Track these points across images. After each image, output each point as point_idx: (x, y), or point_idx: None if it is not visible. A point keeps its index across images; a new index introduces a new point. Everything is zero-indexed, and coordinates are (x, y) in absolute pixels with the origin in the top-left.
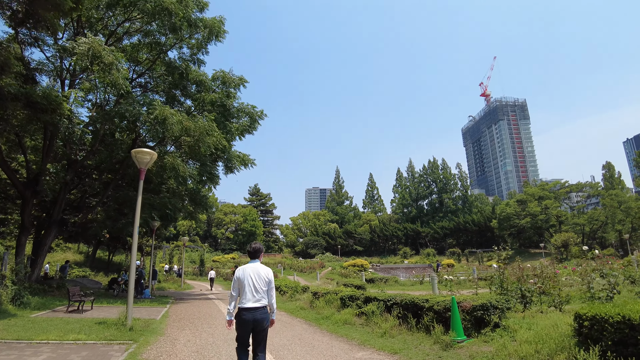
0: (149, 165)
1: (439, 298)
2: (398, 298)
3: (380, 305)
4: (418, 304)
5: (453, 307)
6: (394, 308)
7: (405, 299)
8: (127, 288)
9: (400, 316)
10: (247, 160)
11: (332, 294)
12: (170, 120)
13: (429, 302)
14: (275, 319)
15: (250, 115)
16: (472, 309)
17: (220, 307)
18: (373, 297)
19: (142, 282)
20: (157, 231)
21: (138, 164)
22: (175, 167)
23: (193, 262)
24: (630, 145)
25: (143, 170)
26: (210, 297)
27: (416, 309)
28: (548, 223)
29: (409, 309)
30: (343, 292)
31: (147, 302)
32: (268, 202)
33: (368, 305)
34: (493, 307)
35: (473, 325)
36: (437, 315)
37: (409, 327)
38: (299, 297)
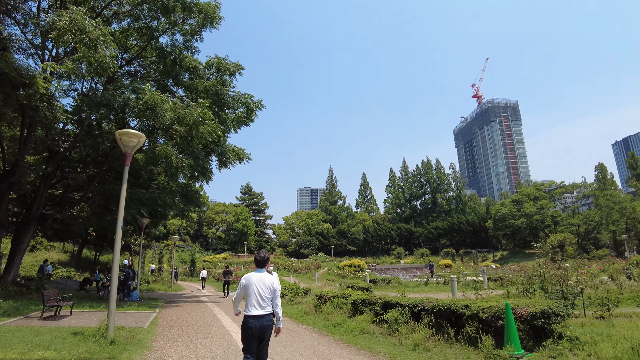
0: (135, 150)
1: (481, 303)
2: (427, 303)
3: (405, 311)
4: (456, 310)
5: (508, 314)
6: (424, 315)
7: (438, 305)
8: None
9: (433, 325)
10: (242, 154)
11: (340, 298)
12: (162, 107)
13: (471, 308)
14: (281, 327)
15: (246, 105)
16: (531, 317)
17: (215, 311)
18: (395, 302)
19: (129, 284)
20: (147, 229)
21: (123, 147)
22: (167, 156)
23: (184, 262)
24: (619, 147)
25: (129, 155)
26: (203, 300)
27: (453, 316)
28: (543, 223)
29: (443, 316)
30: (354, 296)
31: (135, 306)
32: (260, 202)
33: (390, 312)
34: (554, 314)
35: (530, 336)
36: (483, 325)
37: (445, 338)
38: (300, 300)
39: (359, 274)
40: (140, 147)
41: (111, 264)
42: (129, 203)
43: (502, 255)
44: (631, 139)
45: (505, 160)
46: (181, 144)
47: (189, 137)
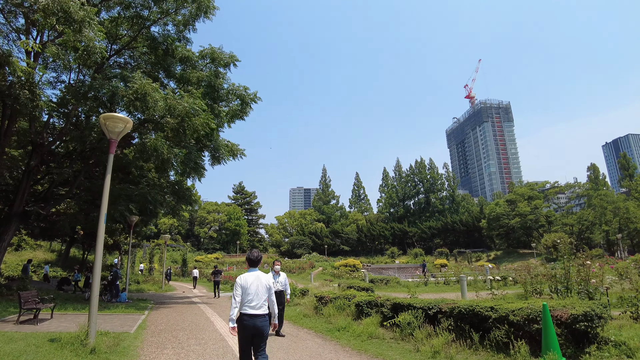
0: (121, 136)
1: (508, 305)
2: (444, 305)
3: (419, 314)
4: (480, 313)
5: (546, 317)
6: (441, 318)
7: (458, 307)
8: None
9: (452, 329)
10: (235, 150)
11: (342, 299)
12: (152, 97)
13: (498, 310)
14: (276, 323)
15: (241, 98)
16: (572, 320)
17: (208, 313)
18: (406, 303)
19: (117, 284)
20: (136, 228)
21: (108, 133)
22: (156, 148)
23: (175, 262)
24: (609, 149)
25: (114, 142)
26: (195, 301)
27: (477, 319)
28: (537, 223)
29: (465, 319)
30: (358, 297)
31: (122, 308)
32: (253, 201)
33: (401, 315)
34: (597, 317)
35: (569, 342)
36: (514, 329)
37: (469, 343)
38: (298, 301)
39: (355, 273)
40: (126, 133)
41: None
42: (117, 199)
43: (496, 255)
44: (621, 140)
45: (497, 160)
46: (172, 136)
47: (181, 129)
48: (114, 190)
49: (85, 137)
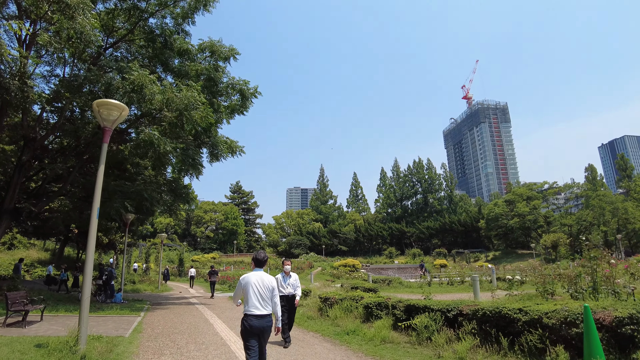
0: (116, 124)
1: (540, 306)
2: (465, 307)
3: (437, 317)
4: (507, 315)
5: (588, 320)
6: (462, 321)
7: (482, 309)
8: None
9: (476, 332)
10: (234, 147)
11: (349, 300)
12: (150, 89)
13: (528, 312)
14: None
15: (241, 92)
16: (617, 323)
17: (207, 315)
18: (421, 305)
19: (112, 284)
20: (132, 227)
21: (102, 121)
22: (152, 142)
23: (171, 262)
24: (605, 150)
25: (108, 131)
26: (193, 302)
27: (503, 322)
28: (536, 223)
29: (490, 322)
30: (367, 299)
31: (117, 309)
32: (250, 200)
33: (417, 317)
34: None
35: (612, 347)
36: (549, 333)
37: (496, 349)
38: (300, 302)
39: (354, 274)
40: (123, 128)
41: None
42: (111, 196)
43: (495, 255)
44: (617, 141)
45: (494, 161)
46: (170, 131)
47: (179, 123)
48: (109, 187)
49: (79, 131)
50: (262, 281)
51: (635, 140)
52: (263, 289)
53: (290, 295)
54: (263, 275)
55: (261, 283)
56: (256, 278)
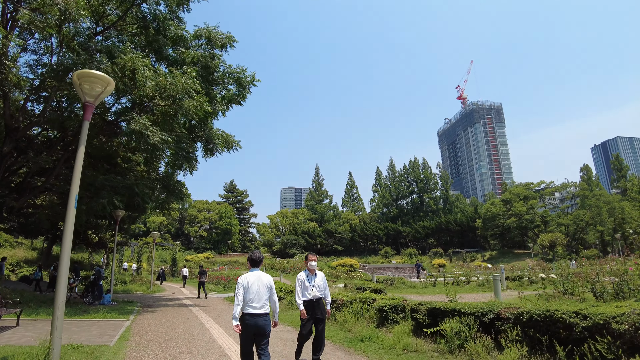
0: (99, 100)
1: (602, 309)
2: (503, 310)
3: (470, 321)
4: (562, 319)
5: None
6: (502, 327)
7: (528, 312)
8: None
9: (520, 340)
10: (230, 141)
11: (358, 303)
12: (142, 74)
13: (587, 316)
14: (277, 322)
15: (238, 81)
16: None
17: (201, 318)
18: (449, 308)
19: (100, 285)
20: (124, 225)
21: (83, 96)
22: (142, 133)
23: (164, 262)
24: (597, 151)
25: (90, 107)
26: (186, 304)
27: (557, 327)
28: (533, 223)
29: (539, 328)
30: (381, 301)
31: (104, 312)
32: (244, 200)
33: (446, 322)
34: None
35: None
36: (620, 341)
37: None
38: None
39: (353, 274)
40: (107, 96)
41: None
42: (99, 191)
43: (491, 255)
44: (609, 143)
45: (488, 161)
46: (162, 121)
47: (172, 112)
48: (97, 181)
49: (65, 122)
50: (260, 281)
51: (627, 142)
52: (262, 288)
53: (316, 299)
54: (261, 275)
55: (259, 282)
56: (254, 278)
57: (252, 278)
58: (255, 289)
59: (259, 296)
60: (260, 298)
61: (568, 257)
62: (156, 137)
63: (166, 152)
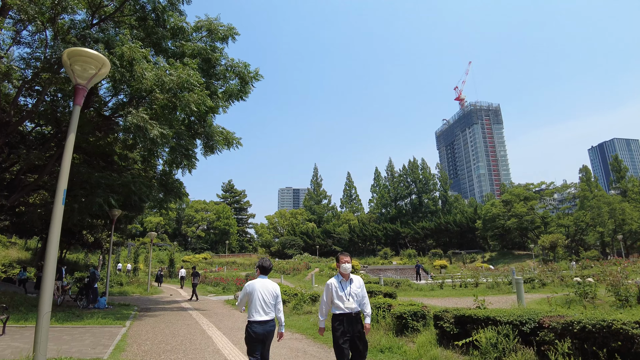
0: (93, 83)
1: None
2: (546, 319)
3: (508, 331)
4: (621, 330)
5: None
6: (547, 338)
7: (579, 321)
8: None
9: (572, 353)
10: (230, 138)
11: (372, 309)
12: (141, 66)
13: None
14: (283, 332)
15: (240, 76)
16: None
17: (202, 323)
18: (481, 316)
19: (95, 287)
20: (120, 225)
21: (74, 77)
22: (140, 126)
23: (161, 262)
24: (594, 152)
25: (82, 91)
26: (186, 307)
27: (615, 339)
28: (534, 224)
29: (595, 341)
30: (399, 307)
31: (99, 317)
32: (243, 200)
33: (480, 332)
34: None
35: None
36: None
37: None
38: (308, 308)
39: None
40: (101, 79)
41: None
42: (95, 189)
43: (491, 256)
44: (606, 144)
45: (486, 162)
46: (161, 115)
47: (172, 106)
48: (92, 178)
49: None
50: (266, 288)
51: (624, 143)
52: (267, 295)
53: (354, 313)
54: (267, 283)
55: (265, 290)
56: (260, 285)
57: (259, 285)
58: (260, 295)
59: (265, 304)
60: (267, 306)
61: (568, 258)
62: (155, 131)
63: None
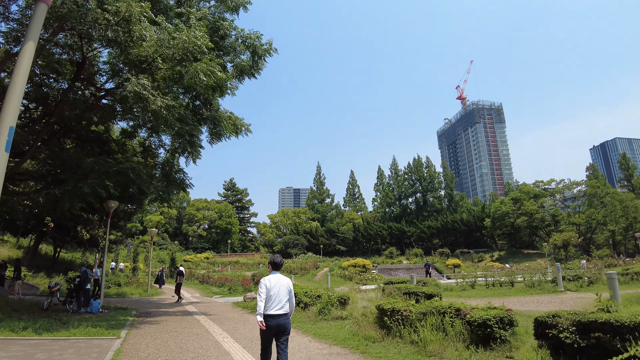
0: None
1: None
2: None
3: None
4: None
5: None
6: None
7: None
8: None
9: None
10: (239, 124)
11: (435, 315)
12: (140, 26)
13: None
14: None
15: (252, 49)
16: None
17: (214, 332)
18: (630, 323)
19: (87, 289)
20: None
21: None
22: (140, 96)
23: (162, 262)
24: (596, 152)
25: None
26: (191, 311)
27: None
28: (544, 222)
29: None
30: (480, 311)
31: (89, 324)
32: (244, 198)
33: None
34: None
35: None
36: None
37: None
38: (338, 313)
39: (365, 274)
40: None
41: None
42: (87, 174)
43: (500, 255)
44: (608, 144)
45: (489, 162)
46: (164, 87)
47: (177, 77)
48: (85, 163)
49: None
50: (280, 283)
51: (627, 142)
52: (281, 289)
53: None
54: (280, 278)
55: (279, 285)
56: (275, 280)
57: (274, 280)
58: (276, 290)
59: (279, 298)
60: (281, 300)
61: (580, 257)
62: (158, 101)
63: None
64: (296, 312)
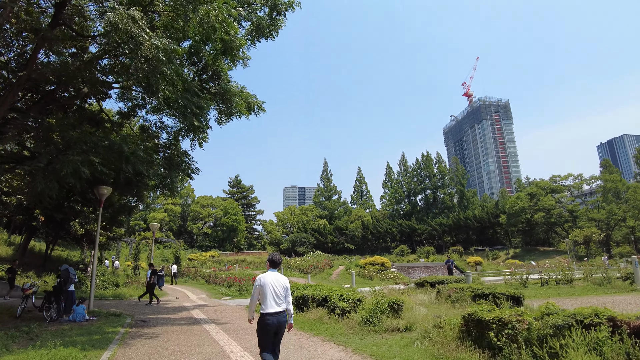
0: None
1: None
2: None
3: None
4: None
5: None
6: None
7: None
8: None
9: None
10: (252, 102)
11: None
12: None
13: None
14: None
15: (272, 5)
16: None
17: (231, 349)
18: None
19: (71, 292)
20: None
21: None
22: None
23: (166, 261)
24: (603, 149)
25: None
26: (198, 318)
27: None
28: (562, 218)
29: None
30: None
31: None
32: (250, 195)
33: None
34: None
35: None
36: None
37: None
38: (390, 322)
39: (385, 273)
40: None
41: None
42: (70, 147)
43: (515, 252)
44: (616, 141)
45: (496, 159)
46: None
47: (181, 21)
48: (69, 135)
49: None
50: (277, 281)
51: (634, 139)
52: (279, 288)
53: None
54: (277, 276)
55: (276, 283)
56: (272, 278)
57: (270, 278)
58: (272, 288)
59: (277, 296)
60: (279, 297)
61: (601, 254)
62: (155, 42)
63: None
64: (331, 321)
